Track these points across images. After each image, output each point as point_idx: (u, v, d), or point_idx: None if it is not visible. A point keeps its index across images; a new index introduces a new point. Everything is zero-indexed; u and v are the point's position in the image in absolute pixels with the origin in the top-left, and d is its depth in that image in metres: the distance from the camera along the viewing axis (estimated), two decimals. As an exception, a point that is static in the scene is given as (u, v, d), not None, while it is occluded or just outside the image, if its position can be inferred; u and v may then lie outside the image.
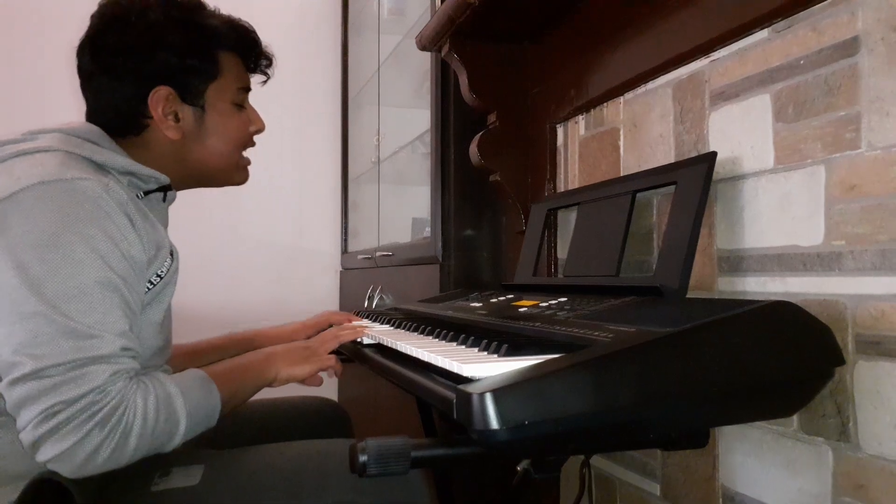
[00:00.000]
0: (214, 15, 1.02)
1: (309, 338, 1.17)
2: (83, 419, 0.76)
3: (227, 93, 1.02)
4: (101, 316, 0.80)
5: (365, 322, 1.26)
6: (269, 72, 1.11)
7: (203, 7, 1.02)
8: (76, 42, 0.98)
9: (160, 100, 0.96)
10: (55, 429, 0.75)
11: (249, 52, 1.06)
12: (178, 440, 0.84)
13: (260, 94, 1.13)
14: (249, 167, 1.10)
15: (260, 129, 1.09)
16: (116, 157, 0.92)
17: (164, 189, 1.01)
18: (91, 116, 0.99)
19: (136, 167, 0.94)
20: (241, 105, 1.05)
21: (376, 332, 1.07)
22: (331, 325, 1.27)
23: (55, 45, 2.54)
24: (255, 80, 1.11)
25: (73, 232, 0.80)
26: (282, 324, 1.30)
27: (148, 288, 0.91)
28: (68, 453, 0.76)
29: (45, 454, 0.76)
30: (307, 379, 1.04)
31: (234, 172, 1.08)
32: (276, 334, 1.27)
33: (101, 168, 0.90)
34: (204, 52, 0.98)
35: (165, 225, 1.03)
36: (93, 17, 0.97)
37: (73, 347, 0.77)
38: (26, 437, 0.77)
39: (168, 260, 0.94)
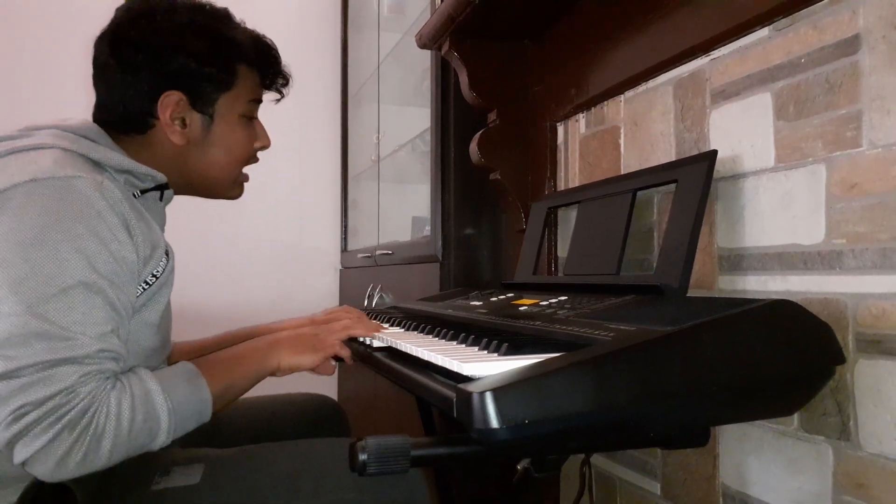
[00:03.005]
0: (239, 28, 1.02)
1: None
2: (51, 421, 0.75)
3: (238, 104, 1.01)
4: (80, 317, 0.78)
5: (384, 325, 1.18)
6: (284, 91, 1.10)
7: (230, 19, 1.02)
8: (79, 37, 0.97)
9: (170, 104, 0.95)
10: (24, 430, 0.74)
11: (268, 69, 1.06)
12: (163, 438, 0.82)
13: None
14: (249, 165, 1.09)
15: (265, 146, 1.08)
16: (113, 155, 0.91)
17: (161, 188, 0.99)
18: (99, 110, 0.98)
19: (132, 165, 0.92)
20: (250, 118, 1.05)
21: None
22: None
23: (58, 40, 2.53)
24: (268, 97, 1.10)
25: (59, 231, 0.79)
26: (286, 319, 1.26)
27: (143, 288, 0.90)
28: (40, 455, 0.75)
29: (18, 456, 0.76)
30: (317, 368, 1.00)
31: (230, 187, 1.07)
32: (282, 329, 1.20)
33: (97, 165, 0.89)
34: (223, 63, 0.98)
35: (162, 224, 1.02)
36: (119, 9, 0.96)
37: (45, 349, 0.75)
38: (0, 438, 0.76)
39: (164, 260, 0.93)
